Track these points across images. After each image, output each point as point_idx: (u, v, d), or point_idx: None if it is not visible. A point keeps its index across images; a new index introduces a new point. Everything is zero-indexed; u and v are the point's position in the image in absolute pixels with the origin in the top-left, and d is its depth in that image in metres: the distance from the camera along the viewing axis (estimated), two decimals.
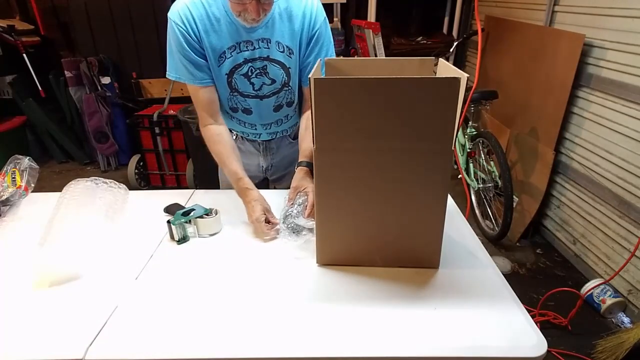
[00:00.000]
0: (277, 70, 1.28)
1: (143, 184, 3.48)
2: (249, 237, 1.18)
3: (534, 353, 0.80)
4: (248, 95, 1.32)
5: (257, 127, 1.42)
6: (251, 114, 1.37)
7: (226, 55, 1.23)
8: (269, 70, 1.27)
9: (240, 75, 1.27)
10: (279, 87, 1.32)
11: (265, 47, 1.24)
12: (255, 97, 1.32)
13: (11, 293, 0.96)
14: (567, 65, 2.32)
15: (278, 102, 1.35)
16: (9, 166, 1.36)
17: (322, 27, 1.28)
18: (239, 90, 1.31)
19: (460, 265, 1.04)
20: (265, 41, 1.23)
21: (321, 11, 1.28)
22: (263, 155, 1.50)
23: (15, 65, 3.54)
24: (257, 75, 1.28)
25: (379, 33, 3.16)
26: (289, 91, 1.34)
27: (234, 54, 1.24)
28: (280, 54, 1.26)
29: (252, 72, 1.27)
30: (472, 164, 2.85)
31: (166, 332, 0.84)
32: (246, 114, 1.37)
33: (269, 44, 1.24)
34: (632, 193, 2.02)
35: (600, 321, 2.08)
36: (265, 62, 1.26)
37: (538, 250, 2.65)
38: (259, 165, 1.53)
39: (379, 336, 0.83)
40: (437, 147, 0.89)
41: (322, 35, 1.28)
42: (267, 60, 1.26)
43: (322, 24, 1.28)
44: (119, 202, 1.26)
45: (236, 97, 1.33)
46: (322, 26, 1.28)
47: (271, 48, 1.24)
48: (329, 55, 1.32)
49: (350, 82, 0.85)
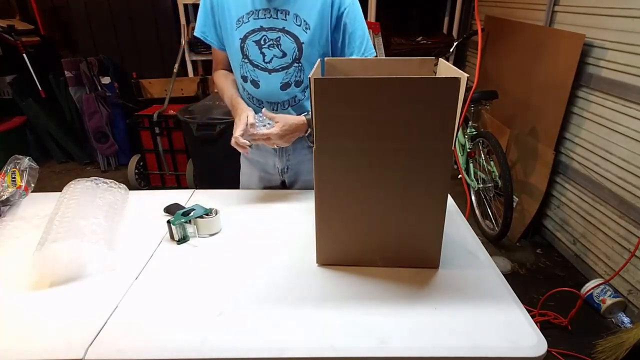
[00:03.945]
0: (289, 43, 1.28)
1: (143, 184, 3.48)
2: (249, 237, 1.18)
3: (534, 353, 0.80)
4: (257, 65, 1.32)
5: (263, 105, 1.39)
6: (259, 88, 1.36)
7: (244, 19, 1.27)
8: (281, 42, 1.28)
9: (253, 41, 1.29)
10: (290, 61, 1.31)
11: (283, 18, 1.25)
12: (264, 69, 1.32)
13: (11, 293, 0.96)
14: (567, 65, 2.32)
15: (287, 78, 1.33)
16: (9, 166, 1.36)
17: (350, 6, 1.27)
18: (250, 58, 1.32)
19: (460, 265, 1.04)
20: (284, 12, 1.24)
21: None
22: (279, 155, 1.46)
23: (15, 65, 3.55)
24: (270, 46, 1.29)
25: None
26: (299, 68, 1.32)
27: (251, 19, 1.27)
28: (296, 27, 1.26)
29: (265, 42, 1.28)
30: (472, 164, 2.85)
31: (166, 332, 0.84)
32: (254, 87, 1.36)
33: (286, 15, 1.25)
34: (632, 193, 2.02)
35: (600, 321, 2.08)
36: (280, 34, 1.27)
37: (538, 250, 2.65)
38: (275, 166, 1.49)
39: (378, 336, 0.83)
40: (437, 147, 0.89)
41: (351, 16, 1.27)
42: (282, 31, 1.27)
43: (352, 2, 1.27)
44: (119, 202, 1.26)
45: (247, 65, 1.34)
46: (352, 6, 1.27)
47: (288, 20, 1.25)
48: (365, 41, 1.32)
49: (350, 82, 0.85)
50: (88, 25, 3.82)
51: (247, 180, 1.57)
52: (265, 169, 1.52)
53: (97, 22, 3.82)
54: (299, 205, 1.34)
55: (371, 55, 1.35)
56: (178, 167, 3.42)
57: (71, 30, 3.95)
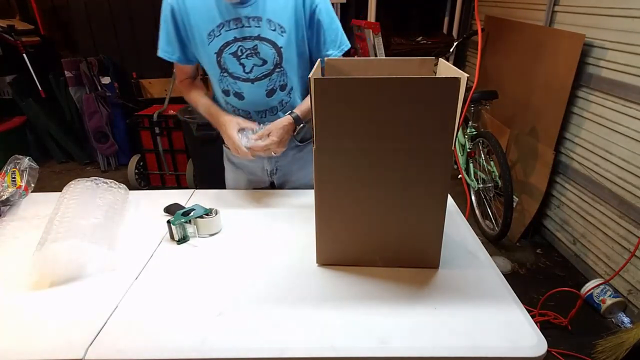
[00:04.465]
0: (268, 49, 1.25)
1: (143, 184, 3.48)
2: (249, 237, 1.18)
3: (534, 353, 0.80)
4: (239, 77, 1.29)
5: (251, 115, 1.36)
6: (243, 100, 1.33)
7: (215, 33, 1.23)
8: (259, 50, 1.25)
9: (229, 54, 1.25)
10: (271, 68, 1.28)
11: (256, 25, 1.22)
12: (246, 80, 1.29)
13: (11, 293, 0.96)
14: (567, 65, 2.32)
15: (271, 85, 1.31)
16: (9, 166, 1.36)
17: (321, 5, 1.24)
18: (229, 71, 1.29)
19: (460, 265, 1.04)
20: (256, 19, 1.21)
21: None
22: (267, 157, 1.45)
23: (15, 65, 3.55)
24: (248, 56, 1.25)
25: (379, 33, 3.16)
26: (281, 73, 1.30)
27: (223, 32, 1.22)
28: (271, 32, 1.23)
29: (242, 52, 1.25)
30: (472, 164, 2.85)
31: (166, 332, 0.84)
32: (238, 99, 1.34)
33: (259, 22, 1.21)
34: (632, 193, 2.02)
35: (600, 321, 2.08)
36: (256, 42, 1.24)
37: (538, 250, 2.65)
38: (263, 168, 1.48)
39: (378, 336, 0.83)
40: (437, 147, 0.89)
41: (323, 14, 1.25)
42: (257, 39, 1.23)
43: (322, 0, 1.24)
44: (119, 202, 1.26)
45: (227, 79, 1.31)
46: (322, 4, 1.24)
47: (262, 26, 1.22)
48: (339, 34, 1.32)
49: (350, 82, 0.85)
50: (88, 25, 3.82)
51: (234, 185, 1.56)
52: (253, 171, 1.50)
53: (97, 22, 3.81)
54: (299, 205, 1.34)
55: (347, 47, 1.35)
56: (178, 167, 3.42)
57: (71, 30, 3.95)
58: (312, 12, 1.24)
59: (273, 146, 1.25)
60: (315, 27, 1.27)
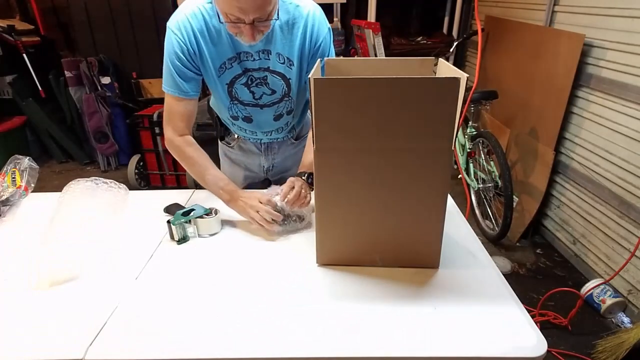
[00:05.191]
0: (277, 81, 1.27)
1: (143, 184, 3.48)
2: (249, 237, 1.18)
3: (534, 353, 0.80)
4: (248, 104, 1.31)
5: (257, 134, 1.42)
6: (251, 122, 1.37)
7: (226, 66, 1.23)
8: (269, 80, 1.27)
9: (241, 84, 1.27)
10: (279, 97, 1.31)
11: (266, 58, 1.23)
12: (255, 105, 1.32)
13: (11, 293, 0.96)
14: (567, 65, 2.32)
15: (278, 111, 1.35)
16: (9, 166, 1.36)
17: (325, 40, 1.25)
18: (240, 99, 1.30)
19: (460, 265, 1.04)
20: (266, 52, 1.22)
21: (324, 24, 1.24)
22: (264, 155, 1.50)
23: (15, 65, 3.54)
24: (258, 84, 1.27)
25: (379, 33, 3.16)
26: (289, 101, 1.33)
27: (235, 64, 1.23)
28: (280, 66, 1.25)
29: (252, 82, 1.26)
30: (472, 164, 2.85)
31: (166, 332, 0.84)
32: (247, 122, 1.37)
33: (269, 55, 1.22)
34: (632, 193, 2.02)
35: (600, 321, 2.08)
36: (266, 73, 1.25)
37: (538, 250, 2.65)
38: (260, 165, 1.53)
39: (379, 336, 0.83)
40: (437, 147, 0.89)
41: (325, 49, 1.26)
42: (267, 71, 1.25)
43: (326, 35, 1.25)
44: (119, 202, 1.26)
45: (237, 106, 1.32)
46: (326, 39, 1.25)
47: (271, 59, 1.23)
48: None
49: (350, 82, 0.85)
50: (88, 25, 3.81)
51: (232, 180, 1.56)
52: (250, 168, 1.54)
53: (97, 22, 3.81)
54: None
55: None
56: (178, 167, 3.41)
57: (71, 30, 3.94)
58: (317, 49, 1.25)
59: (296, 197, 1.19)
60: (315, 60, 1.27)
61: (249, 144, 1.48)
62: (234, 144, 1.50)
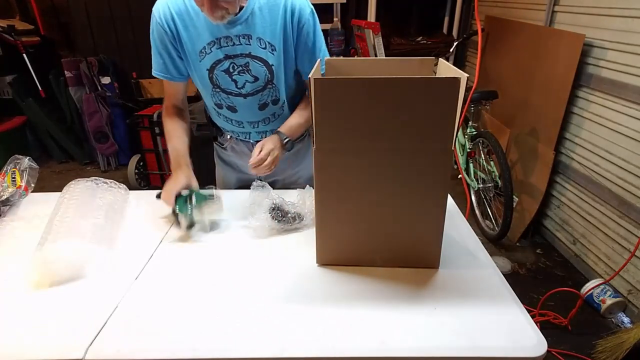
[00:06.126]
0: (259, 67, 1.25)
1: (143, 184, 3.48)
2: (249, 237, 1.18)
3: (534, 353, 0.79)
4: (231, 93, 1.30)
5: (244, 125, 1.39)
6: (236, 112, 1.35)
7: (206, 50, 1.22)
8: (251, 67, 1.25)
9: (221, 71, 1.25)
10: (262, 84, 1.29)
11: (247, 43, 1.21)
12: (238, 95, 1.30)
13: (11, 293, 0.96)
14: (567, 65, 2.32)
15: (262, 100, 1.33)
16: (9, 166, 1.36)
17: (308, 21, 1.22)
18: (221, 87, 1.29)
19: (460, 265, 1.04)
20: (246, 37, 1.20)
21: (305, 4, 1.22)
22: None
23: (15, 65, 3.54)
24: (240, 72, 1.26)
25: (379, 33, 3.16)
26: (273, 89, 1.31)
27: (214, 49, 1.22)
28: (262, 51, 1.23)
29: (234, 69, 1.25)
30: (472, 164, 2.85)
31: (166, 332, 0.84)
32: (231, 112, 1.35)
33: (249, 40, 1.21)
34: (632, 193, 2.02)
35: (600, 321, 2.08)
36: (247, 59, 1.24)
37: (538, 250, 2.65)
38: None
39: (378, 336, 0.83)
40: (437, 147, 0.89)
41: (309, 30, 1.23)
42: (248, 57, 1.23)
43: (309, 16, 1.22)
44: (119, 202, 1.26)
45: (219, 94, 1.31)
46: (309, 20, 1.22)
47: (252, 44, 1.21)
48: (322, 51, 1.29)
49: (350, 82, 0.85)
50: (88, 25, 3.81)
51: (224, 182, 1.59)
52: (242, 170, 1.53)
53: (97, 22, 3.81)
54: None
55: None
56: None
57: (71, 30, 3.94)
58: (300, 30, 1.23)
59: (264, 154, 1.24)
60: (302, 44, 1.26)
61: (242, 145, 1.47)
62: (226, 145, 1.50)
